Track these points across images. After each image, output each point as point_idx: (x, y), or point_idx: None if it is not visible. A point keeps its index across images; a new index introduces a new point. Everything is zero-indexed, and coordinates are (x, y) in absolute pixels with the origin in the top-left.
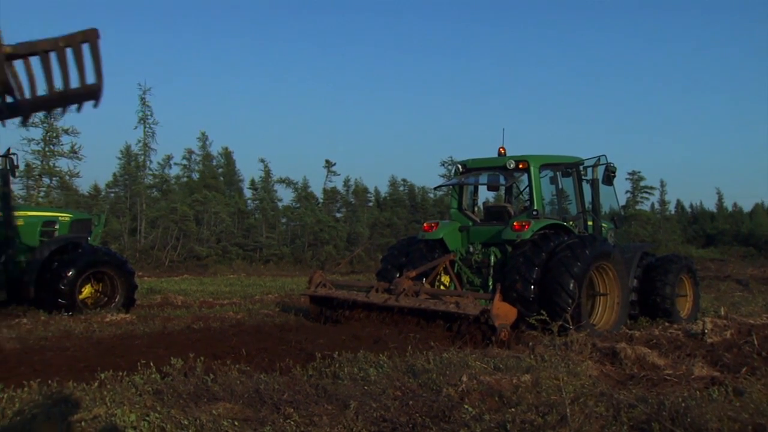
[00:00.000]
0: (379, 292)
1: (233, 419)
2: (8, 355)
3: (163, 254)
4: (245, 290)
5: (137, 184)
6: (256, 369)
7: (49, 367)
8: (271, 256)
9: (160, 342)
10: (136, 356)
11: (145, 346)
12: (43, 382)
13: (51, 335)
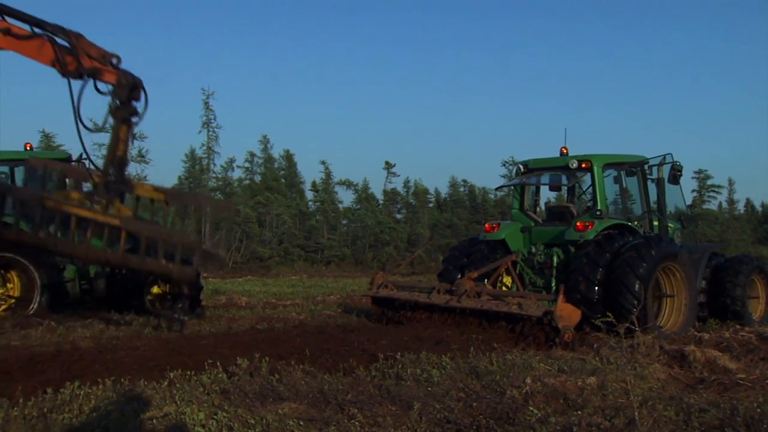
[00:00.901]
0: (440, 293)
1: (298, 419)
2: (84, 353)
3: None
4: (307, 291)
5: (201, 187)
6: (320, 369)
7: (121, 366)
8: (333, 258)
9: (226, 342)
10: (203, 356)
11: (211, 346)
12: (116, 381)
13: (122, 335)
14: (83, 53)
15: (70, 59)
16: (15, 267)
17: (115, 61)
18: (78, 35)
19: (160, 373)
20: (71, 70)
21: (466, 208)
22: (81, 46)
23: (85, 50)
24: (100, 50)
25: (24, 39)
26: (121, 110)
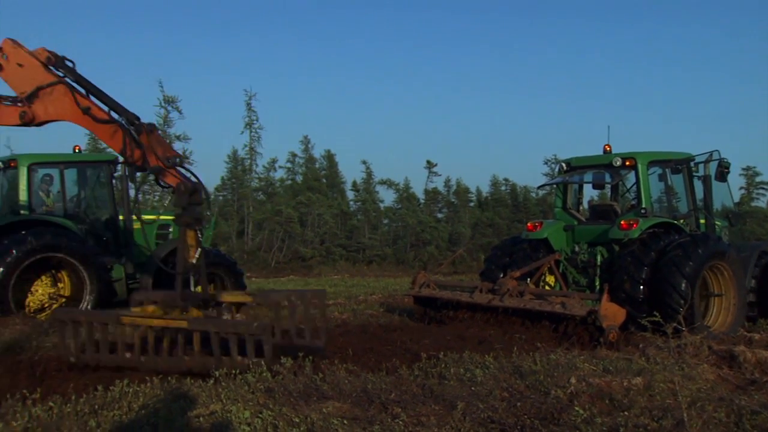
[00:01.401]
0: (483, 293)
1: (342, 418)
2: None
3: (269, 255)
4: (349, 291)
5: (244, 188)
6: (363, 368)
7: None
8: (374, 257)
9: None
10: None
11: None
12: (164, 379)
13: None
14: (151, 150)
15: (138, 154)
16: (66, 267)
17: (179, 162)
18: (150, 128)
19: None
20: (137, 164)
21: (508, 207)
22: (150, 143)
23: (153, 147)
24: (165, 149)
25: (100, 122)
26: (183, 217)
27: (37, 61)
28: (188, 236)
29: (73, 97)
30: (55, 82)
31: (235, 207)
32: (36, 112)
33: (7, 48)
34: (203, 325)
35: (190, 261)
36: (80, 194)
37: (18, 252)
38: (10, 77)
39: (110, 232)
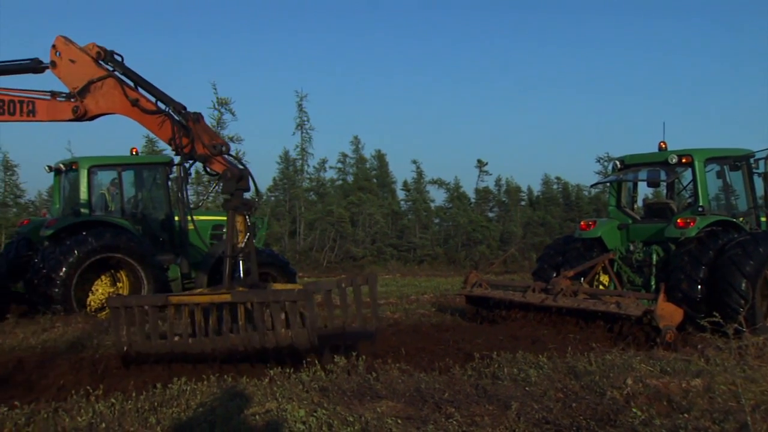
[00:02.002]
0: (536, 292)
1: (396, 417)
2: None
3: (321, 255)
4: (401, 290)
5: (295, 188)
6: (416, 368)
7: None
8: (425, 257)
9: None
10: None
11: None
12: (220, 377)
13: None
14: (198, 138)
15: (186, 142)
16: (124, 267)
17: (225, 149)
18: (197, 117)
19: (261, 370)
20: (185, 152)
21: (560, 206)
22: (197, 131)
23: (200, 135)
24: (212, 137)
25: (148, 113)
26: (231, 201)
27: (88, 57)
28: (237, 221)
29: (122, 89)
30: (105, 76)
31: (286, 207)
32: (88, 106)
33: (60, 45)
34: (246, 297)
35: (238, 245)
36: (137, 195)
37: (79, 252)
38: (63, 73)
39: (166, 232)
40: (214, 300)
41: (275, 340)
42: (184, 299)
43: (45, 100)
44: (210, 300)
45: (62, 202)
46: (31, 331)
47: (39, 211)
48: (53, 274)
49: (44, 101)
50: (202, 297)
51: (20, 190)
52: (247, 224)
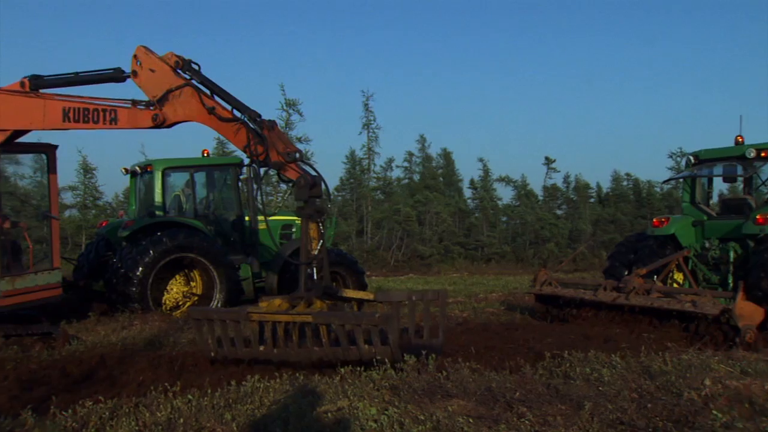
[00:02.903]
0: (607, 290)
1: (468, 416)
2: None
3: (388, 254)
4: (469, 289)
5: (362, 187)
6: (486, 367)
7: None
8: (493, 255)
9: None
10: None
11: None
12: (292, 375)
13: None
14: (272, 146)
15: (261, 149)
16: (197, 267)
17: (299, 157)
18: (271, 125)
19: (332, 368)
20: (260, 160)
21: (630, 203)
22: (271, 139)
23: (274, 143)
24: (286, 144)
25: (225, 121)
26: (304, 209)
27: (167, 66)
28: (310, 228)
29: (200, 98)
30: (183, 85)
31: (353, 207)
32: (167, 114)
33: (141, 55)
34: (327, 319)
35: (312, 252)
36: (209, 196)
37: (155, 252)
38: (143, 82)
39: (237, 232)
40: (295, 320)
41: (358, 354)
42: (266, 316)
43: (126, 109)
44: (291, 319)
45: (138, 204)
46: (112, 329)
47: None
48: (130, 273)
49: (125, 109)
50: (282, 316)
51: (98, 192)
52: (320, 231)
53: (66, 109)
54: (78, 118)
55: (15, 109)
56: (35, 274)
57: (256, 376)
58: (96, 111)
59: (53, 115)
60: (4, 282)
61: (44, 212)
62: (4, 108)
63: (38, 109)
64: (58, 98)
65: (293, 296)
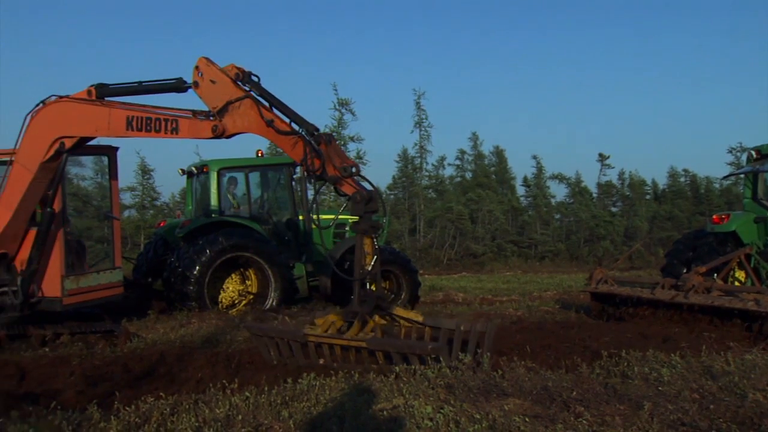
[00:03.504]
0: (665, 289)
1: (524, 415)
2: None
3: (441, 252)
4: (522, 287)
5: (415, 186)
6: (542, 366)
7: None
8: (547, 253)
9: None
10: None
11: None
12: (348, 373)
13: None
14: (329, 160)
15: (318, 164)
16: (253, 266)
17: (355, 171)
18: (328, 138)
19: (387, 367)
20: (316, 173)
21: (688, 200)
22: (328, 153)
23: (331, 157)
24: (342, 159)
25: (283, 134)
26: (360, 225)
27: (228, 78)
28: (365, 243)
29: (259, 110)
30: (243, 97)
31: (406, 205)
32: (226, 125)
33: (202, 66)
34: (382, 346)
35: (366, 268)
36: (263, 196)
37: (211, 252)
38: (204, 93)
39: (291, 231)
40: (351, 344)
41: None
42: (323, 339)
43: (187, 119)
44: (346, 344)
45: (194, 204)
46: (170, 327)
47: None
48: (188, 272)
49: (186, 120)
50: (338, 340)
51: (156, 193)
52: (374, 247)
53: (129, 118)
54: (141, 126)
55: (82, 117)
56: (98, 273)
57: (311, 374)
58: (158, 120)
59: (117, 123)
60: (69, 281)
61: (106, 213)
62: (72, 115)
63: (104, 117)
64: (122, 107)
65: (347, 312)
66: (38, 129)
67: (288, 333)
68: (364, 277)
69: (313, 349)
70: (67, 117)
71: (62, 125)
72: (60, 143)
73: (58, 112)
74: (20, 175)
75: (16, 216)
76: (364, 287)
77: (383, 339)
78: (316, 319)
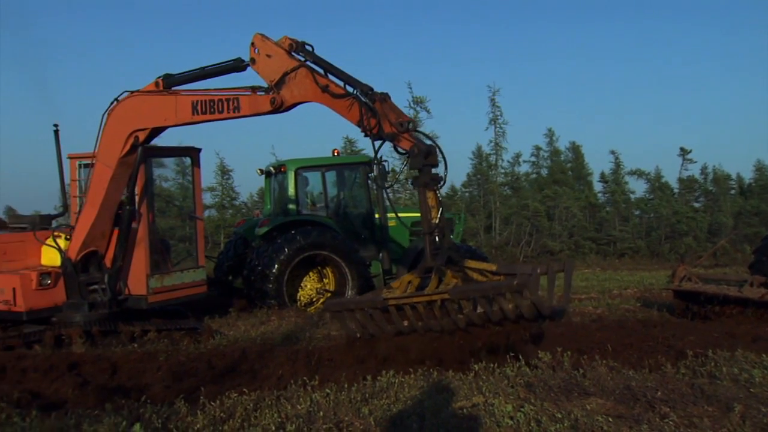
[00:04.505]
0: (754, 287)
1: (607, 415)
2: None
3: (517, 250)
4: (601, 285)
5: (490, 183)
6: (624, 365)
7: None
8: (626, 250)
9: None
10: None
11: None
12: (427, 371)
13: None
14: (385, 118)
15: (373, 123)
16: (330, 264)
17: (412, 126)
18: (384, 97)
19: (465, 364)
20: (373, 133)
21: None
22: (384, 110)
23: (386, 114)
24: (398, 115)
25: (338, 97)
26: (420, 177)
27: (282, 49)
28: (428, 197)
29: (313, 77)
30: (298, 67)
31: (481, 203)
32: (284, 96)
33: (258, 42)
34: (466, 293)
35: (433, 221)
36: (339, 195)
37: (289, 250)
38: (261, 68)
39: (367, 229)
40: (433, 299)
41: (502, 314)
42: (403, 301)
43: (247, 96)
44: (428, 299)
45: (272, 203)
46: (251, 324)
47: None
48: (267, 270)
49: (246, 96)
50: (419, 298)
51: (235, 193)
52: (438, 199)
53: (194, 103)
54: (205, 110)
55: (152, 109)
56: (181, 272)
57: (390, 371)
58: (220, 101)
59: (184, 109)
60: (154, 279)
61: (189, 213)
62: (143, 108)
63: (171, 106)
64: (186, 93)
65: (421, 268)
66: (114, 125)
67: (366, 301)
68: (433, 230)
69: (395, 313)
70: (138, 111)
71: (135, 119)
72: (134, 137)
73: (131, 107)
74: (101, 173)
75: (100, 213)
76: (433, 241)
77: (466, 286)
78: (392, 283)
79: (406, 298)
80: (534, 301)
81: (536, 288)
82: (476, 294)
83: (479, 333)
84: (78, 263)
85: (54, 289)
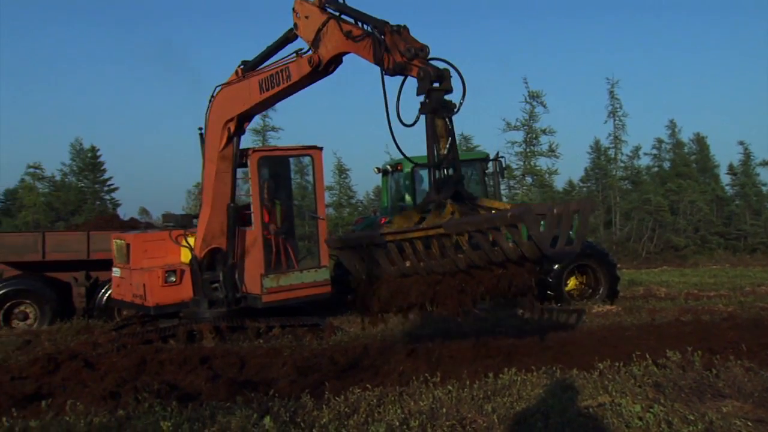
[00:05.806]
0: None
1: (745, 419)
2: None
3: (639, 246)
4: (732, 281)
5: (609, 177)
6: (762, 366)
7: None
8: (758, 245)
9: (651, 334)
10: (629, 347)
11: (635, 338)
12: (549, 369)
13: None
14: (394, 47)
15: (386, 56)
16: None
17: (422, 53)
18: (398, 29)
19: (590, 363)
20: (389, 68)
21: None
22: (393, 41)
23: (396, 44)
24: (408, 43)
25: (359, 39)
26: (426, 104)
27: (315, 7)
28: (437, 125)
29: (340, 27)
30: (326, 20)
31: (600, 197)
32: (321, 53)
33: (297, 6)
34: (459, 227)
35: (441, 152)
36: None
37: None
38: (302, 31)
39: None
40: (429, 234)
41: (503, 255)
42: (399, 236)
43: (293, 62)
44: (424, 234)
45: (390, 201)
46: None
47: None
48: None
49: (293, 62)
50: (414, 232)
51: (352, 191)
52: (447, 128)
53: (260, 81)
54: (268, 85)
55: (234, 96)
56: (301, 272)
57: (512, 369)
58: (276, 74)
59: (254, 90)
60: (268, 279)
61: (311, 213)
62: (228, 98)
63: (245, 89)
64: (252, 74)
65: (424, 202)
66: (212, 121)
67: (366, 237)
68: (440, 162)
69: (395, 252)
70: (226, 102)
71: (224, 110)
72: (227, 129)
73: (221, 100)
74: (209, 170)
75: (214, 210)
76: (440, 173)
77: (460, 219)
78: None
79: (402, 233)
80: (534, 237)
81: (535, 223)
82: (470, 227)
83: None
84: (203, 261)
85: (180, 286)
